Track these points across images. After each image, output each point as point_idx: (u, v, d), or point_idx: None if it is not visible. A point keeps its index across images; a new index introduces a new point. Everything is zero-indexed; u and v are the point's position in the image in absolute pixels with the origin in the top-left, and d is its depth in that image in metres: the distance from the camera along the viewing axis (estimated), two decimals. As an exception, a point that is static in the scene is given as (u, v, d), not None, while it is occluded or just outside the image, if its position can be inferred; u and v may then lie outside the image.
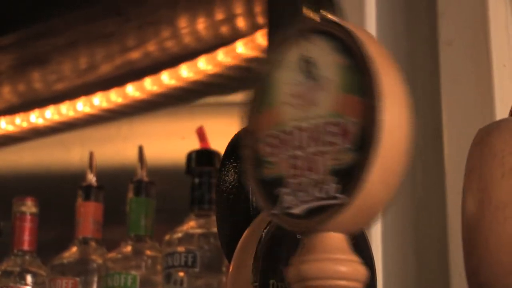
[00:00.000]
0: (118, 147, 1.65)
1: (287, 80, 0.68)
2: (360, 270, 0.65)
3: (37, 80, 1.75)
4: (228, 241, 0.82)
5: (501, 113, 0.74)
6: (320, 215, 0.65)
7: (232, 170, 0.86)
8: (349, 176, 0.63)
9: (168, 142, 1.58)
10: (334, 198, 0.64)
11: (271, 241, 0.78)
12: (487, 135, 0.66)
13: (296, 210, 0.66)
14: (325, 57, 0.66)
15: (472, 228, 0.64)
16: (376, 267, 0.75)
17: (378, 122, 0.61)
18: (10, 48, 1.67)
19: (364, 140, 0.62)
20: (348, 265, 0.65)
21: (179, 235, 1.37)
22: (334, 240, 0.66)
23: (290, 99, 0.68)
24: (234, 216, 0.82)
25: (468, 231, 0.64)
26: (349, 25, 0.65)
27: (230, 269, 0.80)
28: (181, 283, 1.32)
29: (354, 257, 0.66)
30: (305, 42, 0.67)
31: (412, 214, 0.75)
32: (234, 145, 0.88)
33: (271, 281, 0.77)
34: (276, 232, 0.78)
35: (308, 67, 0.67)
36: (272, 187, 0.67)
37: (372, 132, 0.62)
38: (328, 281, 0.64)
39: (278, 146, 0.68)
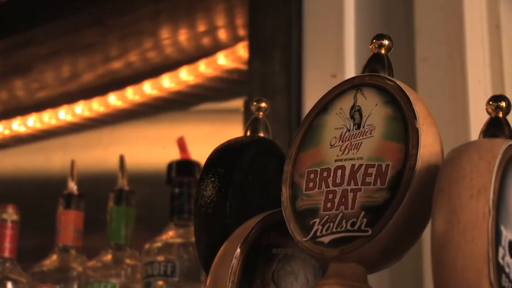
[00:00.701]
0: (100, 155, 1.65)
1: (336, 125, 0.75)
2: None
3: (20, 88, 1.76)
4: (205, 255, 0.83)
5: (475, 129, 0.75)
6: (347, 245, 0.70)
7: (211, 185, 0.87)
8: (379, 213, 0.69)
9: (149, 151, 1.58)
10: (363, 231, 0.69)
11: (246, 255, 0.79)
12: (457, 157, 0.68)
13: (325, 239, 0.71)
14: (373, 108, 0.73)
15: (441, 248, 0.65)
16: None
17: (413, 168, 0.68)
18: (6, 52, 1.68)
19: (398, 183, 0.69)
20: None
21: (159, 244, 1.38)
22: (356, 270, 0.71)
23: (336, 141, 0.74)
24: (211, 231, 0.83)
25: (437, 251, 0.65)
26: (399, 82, 0.73)
27: (207, 283, 0.81)
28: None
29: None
30: (357, 93, 0.74)
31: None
32: (213, 160, 0.89)
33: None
34: (252, 247, 0.79)
35: (357, 115, 0.73)
36: (305, 217, 0.72)
37: (407, 176, 0.69)
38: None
39: (316, 181, 0.73)
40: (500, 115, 0.72)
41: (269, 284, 0.80)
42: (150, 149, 1.60)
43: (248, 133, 0.91)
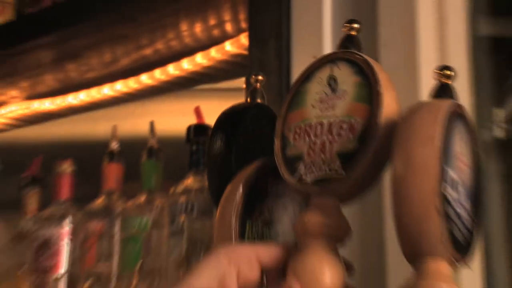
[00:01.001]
0: (134, 122, 1.65)
1: (315, 88, 0.75)
2: (344, 226, 0.72)
3: (72, 71, 1.76)
4: (216, 195, 0.82)
5: (426, 93, 0.74)
6: (326, 184, 0.71)
7: (219, 140, 0.87)
8: (351, 159, 0.69)
9: (172, 119, 1.58)
10: (338, 173, 0.70)
11: (248, 193, 0.78)
12: (411, 113, 0.67)
13: (308, 179, 0.72)
14: (348, 76, 0.73)
15: (398, 185, 0.64)
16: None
17: (377, 123, 0.68)
18: (52, 45, 1.67)
19: (365, 135, 0.69)
20: (338, 221, 0.71)
21: (181, 189, 1.38)
22: (332, 202, 0.72)
23: (316, 101, 0.74)
24: (220, 176, 0.82)
25: (395, 188, 0.64)
26: (366, 56, 0.73)
27: (217, 216, 0.80)
28: (182, 225, 1.33)
29: (343, 218, 0.73)
30: (333, 65, 0.75)
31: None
32: (221, 120, 0.88)
33: (247, 223, 0.77)
34: (251, 185, 0.79)
35: (333, 82, 0.74)
36: (293, 163, 0.73)
37: (372, 130, 0.69)
38: (322, 229, 0.69)
39: (301, 134, 0.74)
40: (445, 81, 0.71)
41: (264, 215, 0.79)
42: (173, 117, 1.60)
43: (249, 100, 0.90)
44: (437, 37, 1.14)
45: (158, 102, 1.74)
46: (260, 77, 0.90)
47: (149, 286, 1.42)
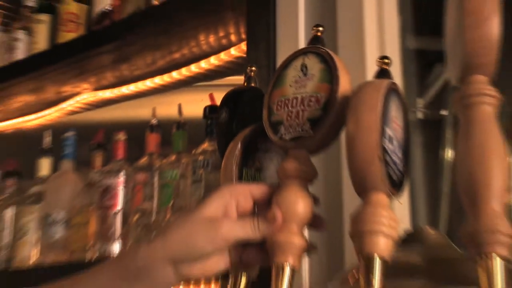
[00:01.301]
0: (167, 106, 1.62)
1: (292, 73, 0.72)
2: (312, 171, 0.70)
3: (125, 69, 1.75)
4: (222, 150, 0.80)
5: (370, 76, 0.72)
6: (300, 140, 0.69)
7: (224, 113, 0.85)
8: (317, 124, 0.67)
9: (193, 103, 1.56)
10: (308, 132, 0.68)
11: (244, 148, 0.76)
12: (359, 88, 0.65)
13: (287, 137, 0.70)
14: (314, 63, 0.71)
15: (351, 141, 0.62)
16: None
17: (336, 97, 0.67)
18: (111, 52, 1.66)
19: (327, 106, 0.67)
20: (308, 167, 0.69)
21: (200, 150, 1.37)
22: (303, 154, 0.69)
23: (293, 82, 0.72)
24: (225, 137, 0.80)
25: (349, 143, 0.62)
26: (328, 50, 0.71)
27: (222, 165, 0.78)
28: (201, 176, 1.32)
29: (312, 165, 0.70)
30: (305, 56, 0.72)
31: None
32: (226, 97, 0.87)
33: (244, 169, 0.75)
34: (247, 142, 0.76)
35: (304, 68, 0.71)
36: (276, 126, 0.71)
37: (332, 102, 0.67)
38: (297, 172, 0.68)
39: (282, 105, 0.71)
40: (384, 67, 0.68)
41: (256, 164, 0.77)
42: (194, 102, 1.57)
43: (245, 84, 0.88)
44: (378, 45, 1.13)
45: (183, 91, 1.71)
46: (253, 68, 0.89)
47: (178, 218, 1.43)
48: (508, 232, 0.57)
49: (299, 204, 0.66)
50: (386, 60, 0.68)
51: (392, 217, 0.61)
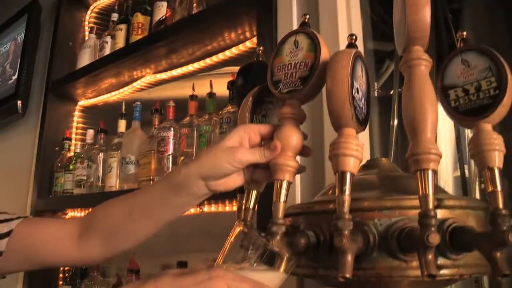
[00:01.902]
0: (202, 82, 1.58)
1: (288, 47, 0.67)
2: (303, 114, 0.66)
3: (174, 58, 1.72)
4: (239, 105, 0.76)
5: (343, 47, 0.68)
6: (293, 92, 0.64)
7: (240, 80, 0.81)
8: (305, 80, 0.63)
9: (220, 81, 1.51)
10: (299, 87, 0.63)
11: (254, 101, 0.72)
12: (335, 55, 0.60)
13: (284, 90, 0.65)
14: (303, 40, 0.66)
15: (329, 93, 0.58)
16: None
17: (318, 62, 0.63)
18: (164, 46, 1.63)
19: (312, 68, 0.63)
20: (299, 111, 0.66)
21: (225, 111, 1.33)
22: (296, 103, 0.65)
23: (288, 53, 0.67)
24: (241, 95, 0.76)
25: (328, 95, 0.58)
26: (313, 30, 0.67)
27: (239, 113, 0.74)
28: (225, 129, 1.28)
29: (302, 110, 0.66)
30: (296, 35, 0.67)
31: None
32: (241, 69, 0.83)
33: (254, 116, 0.71)
34: (256, 97, 0.72)
35: (296, 43, 0.66)
36: (277, 83, 0.66)
37: (316, 65, 0.63)
38: (291, 115, 0.65)
39: (280, 69, 0.66)
40: (352, 41, 0.63)
41: (263, 112, 0.73)
42: (221, 80, 1.51)
43: (255, 59, 0.83)
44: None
45: (213, 73, 1.65)
46: (261, 48, 0.84)
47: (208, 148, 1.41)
48: (438, 153, 0.54)
49: (293, 137, 0.63)
50: (354, 37, 0.64)
51: (359, 145, 0.58)
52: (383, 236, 0.59)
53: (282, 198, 0.61)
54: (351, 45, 0.63)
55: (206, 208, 1.47)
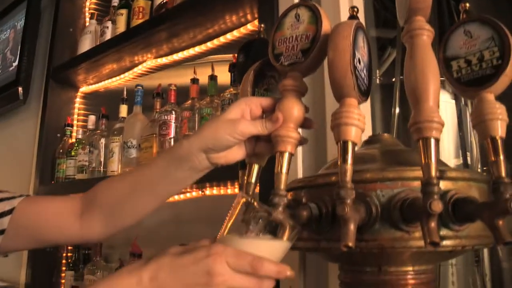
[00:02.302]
0: (204, 66, 1.57)
1: (289, 20, 0.67)
2: (304, 86, 0.66)
3: (175, 42, 1.72)
4: (240, 80, 0.76)
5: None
6: (294, 65, 0.64)
7: (242, 54, 0.81)
8: (307, 53, 0.63)
9: (222, 63, 1.50)
10: (300, 59, 0.63)
11: (255, 75, 0.72)
12: (336, 26, 0.60)
13: (286, 63, 0.65)
14: (304, 13, 0.65)
15: (331, 63, 0.58)
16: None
17: (320, 34, 0.62)
18: (165, 29, 1.64)
19: (313, 40, 0.62)
20: (301, 84, 0.66)
21: (227, 93, 1.33)
22: (297, 75, 0.65)
23: (289, 26, 0.66)
24: (243, 70, 0.76)
25: (330, 65, 0.58)
26: (315, 3, 0.66)
27: (240, 88, 0.74)
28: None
29: (303, 82, 0.67)
30: (298, 8, 0.67)
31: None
32: (244, 44, 0.83)
33: (256, 89, 0.71)
34: (258, 71, 0.72)
35: (298, 16, 0.66)
36: (278, 56, 0.66)
37: (317, 37, 0.62)
38: (293, 87, 0.65)
39: (282, 42, 0.66)
40: (353, 13, 0.63)
41: (265, 85, 0.73)
42: (222, 63, 1.51)
43: (257, 36, 0.83)
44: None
45: (215, 56, 1.64)
46: (262, 25, 0.86)
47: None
48: (440, 121, 0.54)
49: (294, 109, 0.63)
50: (355, 9, 0.64)
51: (361, 114, 0.58)
52: (385, 207, 0.59)
53: (284, 170, 0.61)
54: (353, 17, 0.63)
55: (208, 191, 1.48)
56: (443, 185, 0.59)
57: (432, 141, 0.53)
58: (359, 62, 0.59)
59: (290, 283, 1.01)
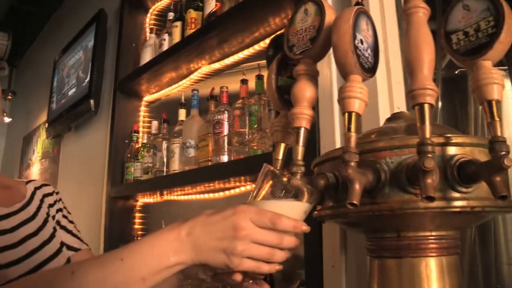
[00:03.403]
0: (252, 68, 1.66)
1: (299, 16, 0.75)
2: (315, 70, 0.74)
3: (226, 47, 1.81)
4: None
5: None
6: (304, 52, 0.72)
7: (271, 50, 0.89)
8: (314, 40, 0.70)
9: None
10: (308, 46, 0.71)
11: (279, 64, 0.80)
12: (340, 14, 0.67)
13: (297, 52, 0.73)
14: (311, 7, 0.73)
15: (336, 45, 0.65)
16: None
17: (324, 23, 0.69)
18: (216, 36, 1.72)
19: (319, 29, 0.70)
20: (312, 68, 0.73)
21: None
22: (308, 61, 0.73)
23: (300, 20, 0.74)
24: (270, 62, 0.84)
25: (333, 46, 0.65)
26: None
27: (267, 76, 0.83)
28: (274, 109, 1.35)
29: (315, 67, 0.74)
30: (306, 4, 0.74)
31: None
32: (271, 41, 0.90)
33: (279, 77, 0.80)
34: (280, 60, 0.80)
35: (306, 11, 0.73)
36: (291, 47, 0.74)
37: (321, 25, 0.70)
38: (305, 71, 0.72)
39: (294, 35, 0.74)
40: (359, 1, 0.70)
41: (287, 73, 0.81)
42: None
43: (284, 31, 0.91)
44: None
45: (262, 57, 1.70)
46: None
47: (261, 137, 1.46)
48: (434, 89, 0.60)
49: (307, 90, 0.71)
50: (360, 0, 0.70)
51: (364, 88, 0.65)
52: (394, 172, 0.65)
53: (300, 143, 0.70)
54: (357, 3, 0.70)
55: (237, 190, 1.58)
56: (451, 150, 0.64)
57: (426, 106, 0.59)
58: (362, 43, 0.65)
59: (332, 262, 1.07)
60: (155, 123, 2.11)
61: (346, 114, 0.64)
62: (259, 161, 1.38)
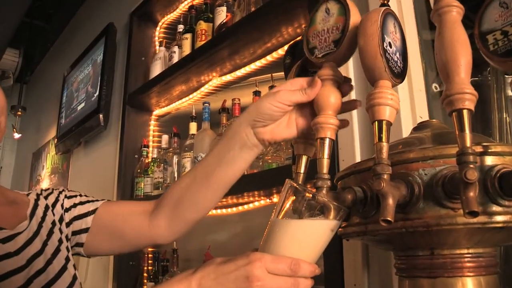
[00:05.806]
0: (265, 79, 1.63)
1: (320, 15, 0.71)
2: (339, 75, 0.70)
3: (237, 59, 1.79)
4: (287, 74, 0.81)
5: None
6: (328, 55, 0.69)
7: (288, 57, 0.85)
8: (338, 42, 0.66)
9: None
10: (332, 49, 0.67)
11: (299, 71, 0.76)
12: (367, 13, 0.63)
13: (320, 55, 0.69)
14: (333, 6, 0.69)
15: (362, 49, 0.61)
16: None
17: (349, 25, 0.66)
18: (227, 48, 1.69)
19: (343, 30, 0.66)
20: (336, 73, 0.69)
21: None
22: (332, 64, 0.69)
23: (320, 21, 0.70)
24: (289, 67, 0.80)
25: (360, 49, 0.61)
26: None
27: (289, 76, 0.80)
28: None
29: (338, 71, 0.70)
30: (327, 2, 0.71)
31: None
32: (288, 48, 0.87)
33: (301, 74, 0.76)
34: (300, 68, 0.76)
35: (327, 10, 0.70)
36: (312, 49, 0.70)
37: (346, 28, 0.66)
38: (329, 76, 0.69)
39: (315, 36, 0.70)
40: (384, 1, 0.66)
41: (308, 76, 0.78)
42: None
43: (301, 38, 0.87)
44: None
45: (275, 68, 1.68)
46: (305, 26, 0.87)
47: (275, 150, 1.41)
48: (473, 93, 0.55)
49: (331, 96, 0.67)
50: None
51: (395, 95, 0.60)
52: (428, 185, 0.60)
53: (326, 155, 0.65)
54: (383, 4, 0.65)
55: (275, 198, 1.52)
56: (490, 160, 0.59)
57: (465, 112, 0.54)
58: (390, 46, 0.61)
59: (354, 280, 1.02)
60: (165, 137, 2.07)
61: (376, 122, 0.59)
62: (274, 175, 1.36)
